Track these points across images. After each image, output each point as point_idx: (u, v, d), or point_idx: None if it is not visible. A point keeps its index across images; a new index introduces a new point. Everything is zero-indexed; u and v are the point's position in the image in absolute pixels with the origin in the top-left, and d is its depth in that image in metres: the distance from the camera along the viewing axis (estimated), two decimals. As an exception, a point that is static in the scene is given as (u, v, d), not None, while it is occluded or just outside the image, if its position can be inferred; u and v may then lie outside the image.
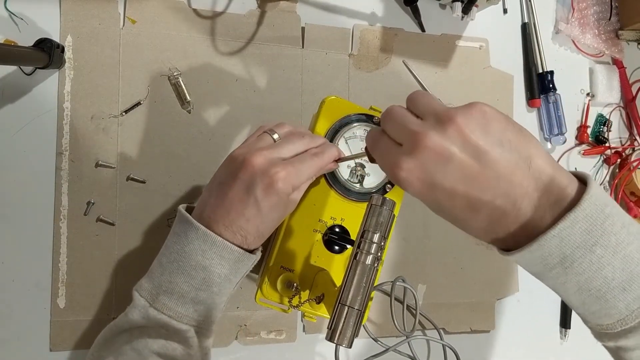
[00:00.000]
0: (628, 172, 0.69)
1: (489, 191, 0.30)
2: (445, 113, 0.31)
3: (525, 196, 0.30)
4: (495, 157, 0.29)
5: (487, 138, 0.30)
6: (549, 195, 0.30)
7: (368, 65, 0.62)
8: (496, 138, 0.30)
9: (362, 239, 0.39)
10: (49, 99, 0.53)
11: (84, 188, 0.53)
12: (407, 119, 0.33)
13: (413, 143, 0.30)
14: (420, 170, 0.30)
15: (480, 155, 0.29)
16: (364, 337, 0.55)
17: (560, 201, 0.30)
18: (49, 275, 0.51)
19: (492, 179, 0.29)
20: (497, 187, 0.29)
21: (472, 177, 0.30)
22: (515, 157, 0.30)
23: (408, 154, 0.31)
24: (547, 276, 0.32)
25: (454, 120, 0.30)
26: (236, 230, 0.40)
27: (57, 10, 0.53)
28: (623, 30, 0.72)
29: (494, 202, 0.30)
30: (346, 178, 0.50)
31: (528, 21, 0.70)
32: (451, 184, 0.30)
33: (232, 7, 0.58)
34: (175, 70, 0.56)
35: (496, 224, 0.31)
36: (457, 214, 0.32)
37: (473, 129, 0.30)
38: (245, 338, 0.56)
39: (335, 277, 0.48)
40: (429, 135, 0.30)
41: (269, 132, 0.44)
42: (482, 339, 0.64)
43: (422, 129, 0.31)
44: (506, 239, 0.32)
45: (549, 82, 0.68)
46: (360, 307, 0.38)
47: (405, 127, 0.32)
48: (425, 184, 0.31)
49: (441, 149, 0.30)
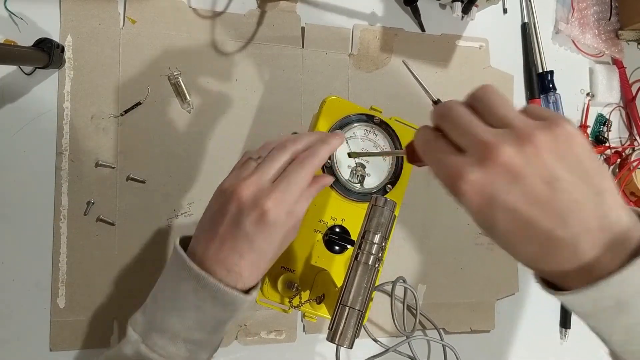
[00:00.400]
0: (628, 172, 0.69)
1: (552, 220, 0.27)
2: (526, 128, 0.28)
3: (588, 233, 0.27)
4: (568, 186, 0.27)
5: (564, 164, 0.27)
6: (613, 236, 0.27)
7: (368, 65, 0.62)
8: (573, 166, 0.27)
9: (363, 239, 0.39)
10: (49, 98, 0.53)
11: (83, 188, 0.53)
12: (476, 124, 0.29)
13: (483, 154, 0.28)
14: (486, 185, 0.27)
15: (553, 181, 0.27)
16: (364, 337, 0.55)
17: (624, 243, 0.27)
18: (48, 275, 0.51)
19: (559, 208, 0.27)
20: (561, 218, 0.27)
21: (539, 202, 0.27)
22: (588, 191, 0.27)
23: (475, 165, 0.28)
24: (595, 317, 0.30)
25: (534, 138, 0.27)
26: (230, 267, 0.37)
27: (57, 10, 0.53)
28: (623, 30, 0.72)
29: (554, 232, 0.28)
30: (347, 178, 0.50)
31: (528, 21, 0.70)
32: (514, 205, 0.28)
33: (232, 7, 0.58)
34: (175, 70, 0.56)
35: (549, 254, 0.29)
36: (510, 236, 0.29)
37: (552, 151, 0.27)
38: (245, 338, 0.56)
39: (335, 278, 0.48)
40: (503, 149, 0.27)
41: (253, 157, 0.41)
42: (482, 339, 0.64)
43: (497, 140, 0.28)
44: (553, 273, 0.30)
45: (549, 82, 0.68)
46: (361, 307, 0.38)
47: (475, 134, 0.29)
48: (485, 200, 0.28)
49: (514, 167, 0.27)
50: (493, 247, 0.65)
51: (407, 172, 0.52)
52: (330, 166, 0.49)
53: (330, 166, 0.49)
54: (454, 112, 0.30)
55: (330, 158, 0.49)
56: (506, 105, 0.30)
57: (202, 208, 0.55)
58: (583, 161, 0.28)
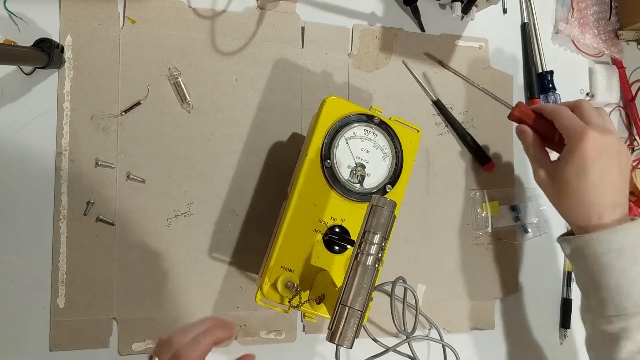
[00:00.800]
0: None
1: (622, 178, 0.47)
2: (606, 126, 0.48)
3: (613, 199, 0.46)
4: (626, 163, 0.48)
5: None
6: (622, 208, 0.47)
7: (368, 65, 0.62)
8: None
9: (363, 239, 0.39)
10: (49, 98, 0.53)
11: (83, 188, 0.53)
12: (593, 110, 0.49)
13: (603, 125, 0.47)
14: (600, 141, 0.45)
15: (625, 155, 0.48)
16: (364, 337, 0.55)
17: (626, 213, 0.46)
18: (48, 275, 0.51)
19: (610, 181, 0.46)
20: (599, 190, 0.46)
21: (602, 169, 0.46)
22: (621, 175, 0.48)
23: (596, 130, 0.45)
24: (604, 259, 0.45)
25: (612, 133, 0.48)
26: None
27: (56, 10, 0.53)
28: (622, 30, 0.72)
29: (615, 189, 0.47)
30: (346, 178, 0.50)
31: (528, 21, 0.70)
32: (596, 160, 0.45)
33: (232, 6, 0.58)
34: (174, 70, 0.56)
35: (592, 206, 0.46)
36: (591, 183, 0.45)
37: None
38: (245, 338, 0.56)
39: (335, 278, 0.48)
40: (612, 130, 0.48)
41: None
42: (482, 339, 0.64)
43: (606, 126, 0.48)
44: (581, 225, 0.47)
45: (549, 82, 0.68)
46: (361, 307, 0.38)
47: (595, 115, 0.48)
48: (597, 151, 0.45)
49: (613, 142, 0.46)
50: (493, 247, 0.65)
51: (407, 172, 0.52)
52: (330, 166, 0.49)
53: (330, 166, 0.49)
54: (584, 104, 0.50)
55: (330, 158, 0.49)
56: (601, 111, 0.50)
57: (202, 208, 0.56)
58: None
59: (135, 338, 0.53)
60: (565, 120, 0.48)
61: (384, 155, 0.51)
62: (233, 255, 0.57)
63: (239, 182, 0.57)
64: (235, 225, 0.57)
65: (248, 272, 0.57)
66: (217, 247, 0.56)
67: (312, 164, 0.49)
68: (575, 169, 0.46)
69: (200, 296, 0.55)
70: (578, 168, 0.46)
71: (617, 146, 0.46)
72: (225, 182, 0.57)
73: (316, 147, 0.49)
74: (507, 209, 0.65)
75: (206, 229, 0.56)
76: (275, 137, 0.59)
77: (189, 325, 0.43)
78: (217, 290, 0.56)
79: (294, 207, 0.48)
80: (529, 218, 0.66)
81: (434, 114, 0.65)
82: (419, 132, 0.53)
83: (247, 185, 0.58)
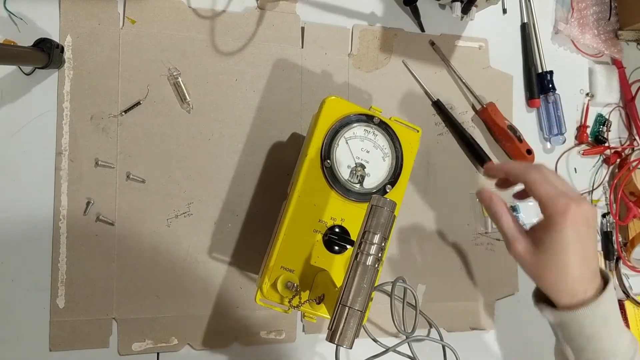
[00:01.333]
0: (627, 172, 0.69)
1: (582, 258, 0.43)
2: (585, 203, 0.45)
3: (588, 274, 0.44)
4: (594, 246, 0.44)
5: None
6: (596, 280, 0.45)
7: (368, 65, 0.62)
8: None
9: (363, 239, 0.39)
10: (49, 99, 0.53)
11: (83, 188, 0.53)
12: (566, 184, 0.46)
13: (574, 193, 0.44)
14: (579, 217, 0.42)
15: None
16: (364, 337, 0.55)
17: (598, 284, 0.44)
18: (48, 275, 0.51)
19: (589, 252, 0.44)
20: (582, 262, 0.43)
21: (584, 240, 0.43)
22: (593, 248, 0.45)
23: (574, 202, 0.43)
24: (590, 329, 0.44)
25: (585, 200, 0.44)
26: None
27: (56, 10, 0.53)
28: (622, 31, 0.72)
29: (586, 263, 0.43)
30: (346, 178, 0.50)
31: (527, 21, 0.70)
32: (581, 234, 0.43)
33: (232, 6, 0.58)
34: (174, 70, 0.56)
35: (566, 282, 0.44)
36: (571, 252, 0.43)
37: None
38: (245, 338, 0.56)
39: (335, 278, 0.48)
40: (583, 197, 0.49)
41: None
42: (482, 339, 0.64)
43: (576, 193, 0.45)
44: (560, 299, 0.45)
45: (549, 82, 0.68)
46: (361, 307, 0.38)
47: (561, 182, 0.45)
48: (583, 222, 0.43)
49: (590, 210, 0.43)
50: (493, 247, 0.65)
51: (406, 172, 0.52)
52: (330, 166, 0.49)
53: (330, 166, 0.49)
54: (548, 170, 0.46)
55: (330, 158, 0.49)
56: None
57: (202, 208, 0.56)
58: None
59: (135, 338, 0.53)
60: (540, 189, 0.44)
61: (384, 156, 0.51)
62: (233, 255, 0.57)
63: (239, 182, 0.57)
64: (235, 225, 0.57)
65: (248, 272, 0.57)
66: (217, 247, 0.56)
67: (312, 164, 0.49)
68: (559, 245, 0.43)
69: (200, 296, 0.55)
70: (563, 243, 0.43)
71: (593, 212, 0.44)
72: (225, 182, 0.57)
73: (316, 147, 0.49)
74: (507, 209, 0.65)
75: (206, 229, 0.56)
76: (275, 137, 0.59)
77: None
78: (217, 290, 0.56)
79: (294, 207, 0.48)
80: (528, 218, 0.65)
81: (434, 114, 0.65)
82: (419, 132, 0.53)
83: (247, 185, 0.58)
